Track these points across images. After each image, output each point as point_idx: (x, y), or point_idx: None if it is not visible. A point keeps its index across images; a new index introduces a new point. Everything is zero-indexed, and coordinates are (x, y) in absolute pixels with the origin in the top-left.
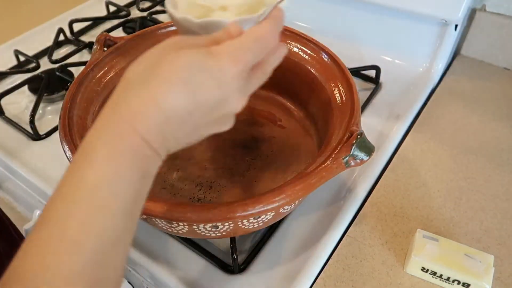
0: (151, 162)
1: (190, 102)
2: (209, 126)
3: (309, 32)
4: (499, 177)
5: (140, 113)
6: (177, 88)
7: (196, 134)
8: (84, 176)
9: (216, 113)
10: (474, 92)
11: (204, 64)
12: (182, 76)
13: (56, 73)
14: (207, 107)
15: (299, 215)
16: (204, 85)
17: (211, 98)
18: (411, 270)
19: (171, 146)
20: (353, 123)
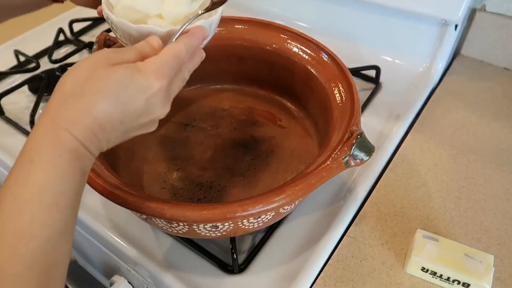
0: (88, 161)
1: (121, 113)
2: (137, 130)
3: (309, 32)
4: (499, 177)
5: (77, 122)
6: (109, 102)
7: (125, 137)
8: (32, 177)
9: (143, 119)
10: (474, 92)
11: (133, 80)
12: (114, 91)
13: (56, 73)
14: (136, 116)
15: (299, 215)
16: (134, 99)
17: (139, 109)
18: (411, 270)
19: (103, 147)
20: (353, 123)
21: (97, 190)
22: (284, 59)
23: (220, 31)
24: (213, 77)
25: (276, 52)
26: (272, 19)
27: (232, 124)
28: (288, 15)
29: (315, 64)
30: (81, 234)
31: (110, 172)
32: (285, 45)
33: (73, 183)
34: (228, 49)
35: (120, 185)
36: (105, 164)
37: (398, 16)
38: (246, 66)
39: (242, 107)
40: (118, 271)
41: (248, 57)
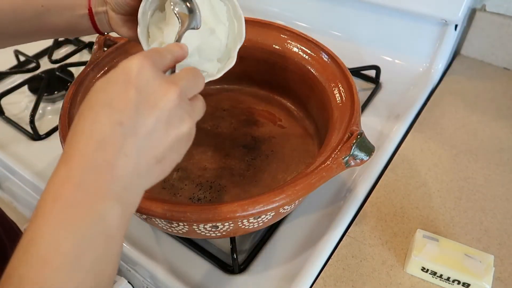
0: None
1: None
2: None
3: (309, 32)
4: (499, 177)
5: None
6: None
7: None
8: (100, 217)
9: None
10: (474, 92)
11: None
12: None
13: (56, 73)
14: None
15: (299, 215)
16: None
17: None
18: (411, 270)
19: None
20: (353, 123)
21: None
22: (284, 59)
23: None
24: None
25: (276, 52)
26: (272, 19)
27: (232, 124)
28: (288, 15)
29: (315, 64)
30: None
31: None
32: (285, 45)
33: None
34: None
35: None
36: None
37: (398, 16)
38: (246, 66)
39: (242, 107)
40: (118, 271)
41: (248, 57)
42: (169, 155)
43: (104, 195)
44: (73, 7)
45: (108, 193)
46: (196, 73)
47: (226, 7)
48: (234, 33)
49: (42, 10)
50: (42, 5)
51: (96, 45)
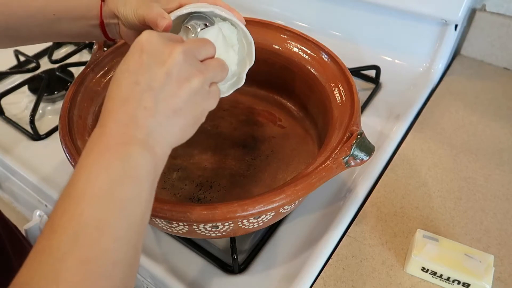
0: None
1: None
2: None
3: (309, 32)
4: (499, 177)
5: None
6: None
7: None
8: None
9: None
10: (474, 92)
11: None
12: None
13: (56, 73)
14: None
15: (299, 215)
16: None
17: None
18: (411, 270)
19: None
20: (353, 123)
21: None
22: (284, 59)
23: None
24: None
25: (276, 52)
26: (272, 19)
27: (232, 124)
28: (288, 15)
29: (315, 64)
30: None
31: None
32: (285, 45)
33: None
34: None
35: None
36: None
37: (398, 16)
38: None
39: (242, 107)
40: None
41: None
42: (186, 107)
43: (130, 141)
44: (85, 17)
45: (133, 140)
46: (203, 40)
47: (236, 30)
48: (243, 54)
49: (54, 18)
50: (54, 13)
51: (96, 45)
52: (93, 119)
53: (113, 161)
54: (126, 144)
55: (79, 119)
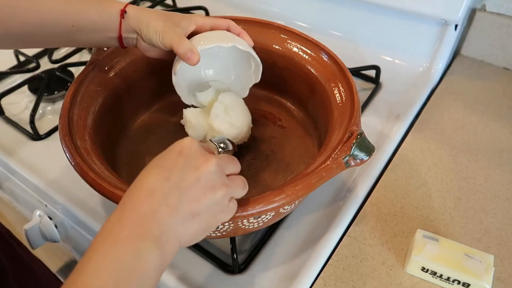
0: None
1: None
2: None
3: (309, 32)
4: (499, 177)
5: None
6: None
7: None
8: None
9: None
10: (474, 92)
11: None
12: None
13: (56, 73)
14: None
15: (299, 215)
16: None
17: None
18: (411, 270)
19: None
20: (353, 123)
21: (97, 190)
22: (284, 59)
23: None
24: None
25: (276, 52)
26: (272, 19)
27: None
28: (288, 15)
29: (315, 64)
30: (81, 234)
31: (110, 172)
32: (285, 45)
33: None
34: None
35: (120, 185)
36: (105, 164)
37: (398, 16)
38: None
39: None
40: None
41: None
42: (204, 214)
43: (144, 235)
44: (103, 30)
45: (148, 234)
46: (233, 158)
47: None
48: (250, 72)
49: (72, 29)
50: (72, 25)
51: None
52: (93, 119)
53: (124, 255)
54: (140, 238)
55: (79, 119)
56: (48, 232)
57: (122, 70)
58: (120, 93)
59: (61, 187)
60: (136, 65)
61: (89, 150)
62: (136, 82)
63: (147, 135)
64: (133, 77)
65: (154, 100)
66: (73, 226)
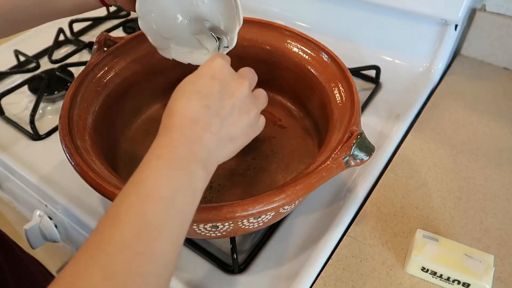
0: (197, 164)
1: (199, 100)
2: (235, 115)
3: (309, 32)
4: (499, 177)
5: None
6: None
7: (229, 130)
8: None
9: (226, 98)
10: (474, 92)
11: (197, 72)
12: (186, 89)
13: (56, 73)
14: (216, 96)
15: (299, 215)
16: (203, 83)
17: (214, 88)
18: (411, 270)
19: (208, 145)
20: (353, 123)
21: (97, 190)
22: (284, 59)
23: None
24: None
25: (276, 52)
26: (272, 19)
27: None
28: (288, 15)
29: (315, 64)
30: (81, 234)
31: (110, 172)
32: (285, 45)
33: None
34: None
35: (120, 185)
36: (105, 164)
37: (398, 16)
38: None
39: None
40: None
41: (248, 57)
42: (240, 136)
43: (194, 159)
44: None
45: (197, 158)
46: (253, 72)
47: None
48: (233, 15)
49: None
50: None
51: (96, 45)
52: (93, 119)
53: (180, 172)
54: (191, 160)
55: (79, 119)
56: (48, 232)
57: (122, 70)
58: (120, 93)
59: (61, 187)
60: (136, 65)
61: (89, 150)
62: (136, 82)
63: (147, 135)
64: (133, 77)
65: (154, 100)
66: (73, 226)
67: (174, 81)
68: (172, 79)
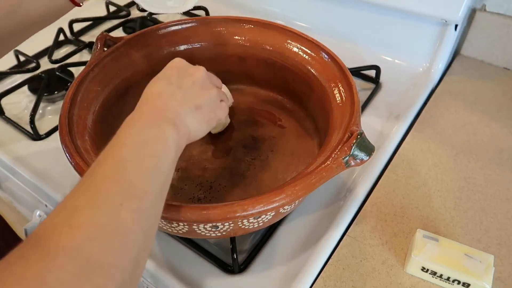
0: (166, 125)
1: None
2: (191, 92)
3: (309, 32)
4: (499, 177)
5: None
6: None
7: (189, 104)
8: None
9: (185, 77)
10: (474, 92)
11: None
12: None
13: (56, 73)
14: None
15: (299, 215)
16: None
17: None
18: (411, 270)
19: (173, 110)
20: (353, 123)
21: None
22: (284, 59)
23: (220, 31)
24: None
25: (276, 52)
26: (272, 19)
27: (232, 124)
28: (288, 15)
29: (315, 64)
30: None
31: None
32: (285, 45)
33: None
34: (228, 49)
35: None
36: None
37: (398, 16)
38: (246, 66)
39: (242, 107)
40: None
41: (248, 57)
42: (205, 107)
43: (163, 117)
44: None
45: (165, 117)
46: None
47: None
48: None
49: (16, 2)
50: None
51: (96, 45)
52: (93, 119)
53: (150, 126)
54: (160, 119)
55: (79, 119)
56: None
57: (122, 70)
58: (120, 93)
59: (61, 187)
60: (136, 65)
61: (89, 150)
62: (136, 82)
63: None
64: (133, 77)
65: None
66: None
67: None
68: None
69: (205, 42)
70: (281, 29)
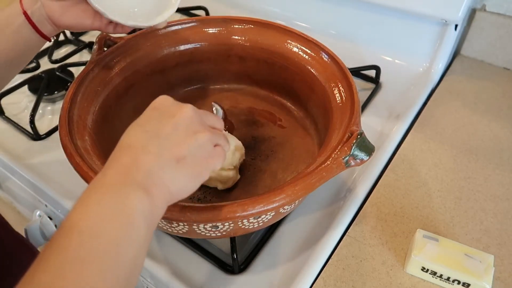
0: (148, 204)
1: (144, 132)
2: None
3: (309, 32)
4: (499, 177)
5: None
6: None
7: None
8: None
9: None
10: (474, 92)
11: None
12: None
13: (56, 73)
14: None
15: (299, 215)
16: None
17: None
18: (411, 270)
19: (155, 179)
20: (353, 123)
21: None
22: (284, 59)
23: (220, 31)
24: (213, 77)
25: (276, 52)
26: (272, 19)
27: (232, 124)
28: (288, 15)
29: (315, 64)
30: None
31: None
32: (285, 45)
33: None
34: (228, 49)
35: None
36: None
37: (398, 16)
38: (246, 66)
39: (242, 107)
40: None
41: (248, 57)
42: (189, 158)
43: (128, 182)
44: (8, 19)
45: (131, 181)
46: (214, 114)
47: None
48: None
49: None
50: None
51: (96, 45)
52: (93, 119)
53: (109, 199)
54: (123, 185)
55: (79, 119)
56: (48, 232)
57: (122, 69)
58: (120, 93)
59: (61, 187)
60: (136, 65)
61: (89, 150)
62: (136, 82)
63: None
64: (133, 77)
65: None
66: None
67: (174, 81)
68: (172, 79)
69: (205, 42)
70: (281, 29)
